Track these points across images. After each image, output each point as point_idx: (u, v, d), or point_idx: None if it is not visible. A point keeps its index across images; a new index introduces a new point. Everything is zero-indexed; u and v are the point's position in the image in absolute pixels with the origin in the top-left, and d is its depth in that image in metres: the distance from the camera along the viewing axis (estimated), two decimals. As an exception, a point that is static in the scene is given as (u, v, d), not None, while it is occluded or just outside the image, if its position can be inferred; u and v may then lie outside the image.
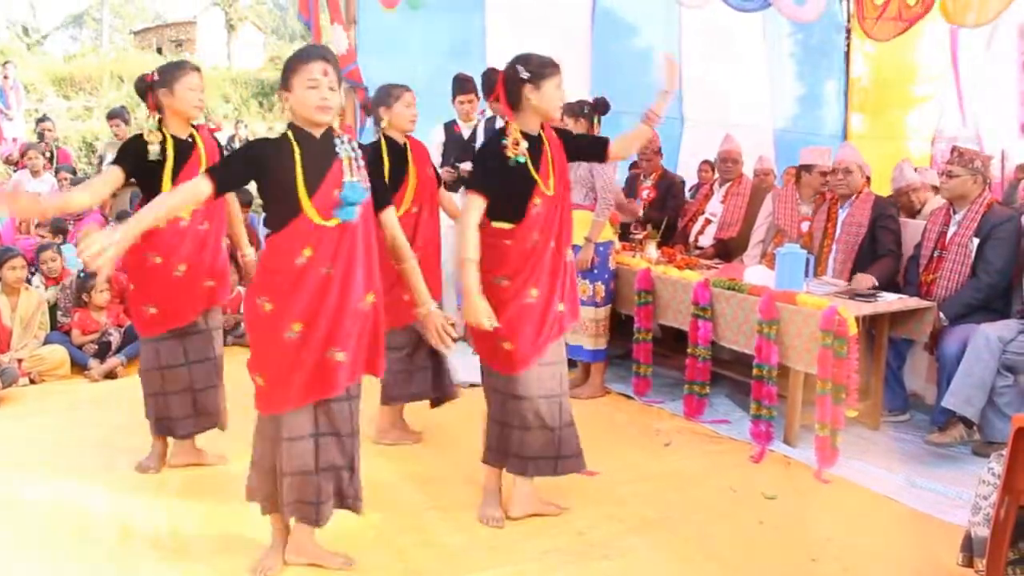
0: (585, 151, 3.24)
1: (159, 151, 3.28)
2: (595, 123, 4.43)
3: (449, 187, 5.36)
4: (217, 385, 3.52)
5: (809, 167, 4.88)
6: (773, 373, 3.89)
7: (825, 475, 3.63)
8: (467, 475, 3.41)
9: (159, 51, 24.72)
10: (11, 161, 9.22)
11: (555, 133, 3.09)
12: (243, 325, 5.65)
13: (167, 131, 3.33)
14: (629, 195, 5.80)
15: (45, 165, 7.90)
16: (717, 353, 4.33)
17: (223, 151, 3.50)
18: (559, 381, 3.08)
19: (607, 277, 4.56)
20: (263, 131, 15.25)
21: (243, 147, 2.66)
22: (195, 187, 2.47)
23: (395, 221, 2.80)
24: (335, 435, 2.64)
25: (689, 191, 6.34)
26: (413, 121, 3.76)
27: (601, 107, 4.40)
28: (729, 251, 5.29)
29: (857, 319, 3.69)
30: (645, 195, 5.66)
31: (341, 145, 2.56)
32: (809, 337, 3.74)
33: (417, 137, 3.86)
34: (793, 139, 7.36)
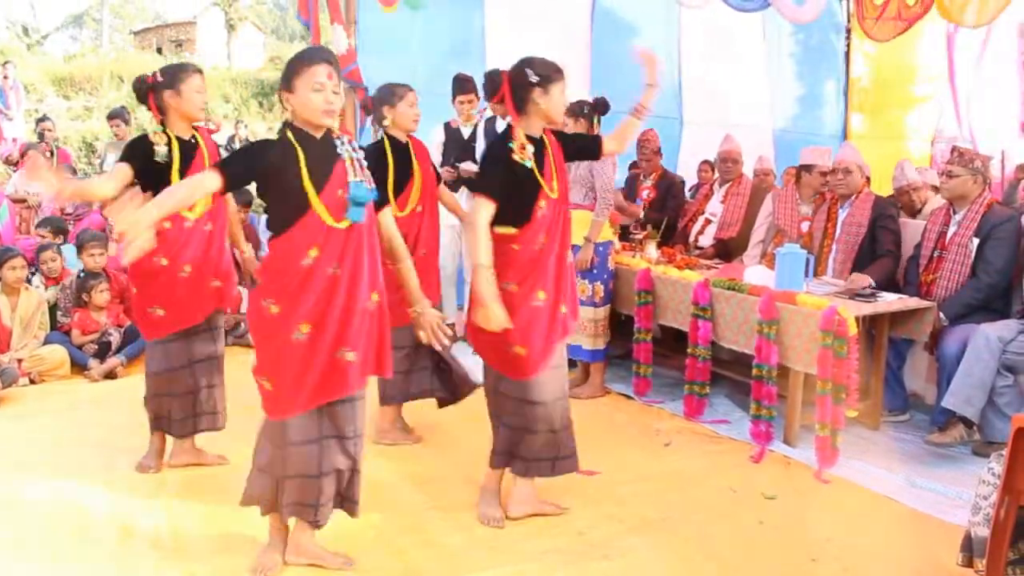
0: (581, 151, 3.26)
1: (166, 153, 3.27)
2: (595, 123, 4.42)
3: (449, 187, 5.36)
4: (218, 385, 3.51)
5: (809, 167, 4.88)
6: (773, 373, 3.89)
7: (825, 475, 3.63)
8: (467, 475, 3.41)
9: (159, 51, 24.74)
10: (11, 161, 9.20)
11: (553, 135, 3.10)
12: (243, 325, 5.67)
13: (171, 132, 3.33)
14: (629, 195, 5.80)
15: (45, 165, 7.89)
16: (717, 353, 4.33)
17: (220, 152, 3.51)
18: (562, 383, 3.09)
19: (606, 277, 4.56)
20: (263, 131, 15.27)
21: (247, 146, 2.65)
22: (203, 180, 2.46)
23: (392, 221, 2.81)
24: (339, 437, 2.63)
25: (689, 191, 6.34)
26: (416, 120, 3.76)
27: (601, 107, 4.39)
28: (729, 251, 5.29)
29: (857, 319, 3.69)
30: (645, 195, 5.66)
31: (342, 146, 2.56)
32: (809, 337, 3.74)
33: (417, 137, 3.87)
34: (793, 139, 7.36)
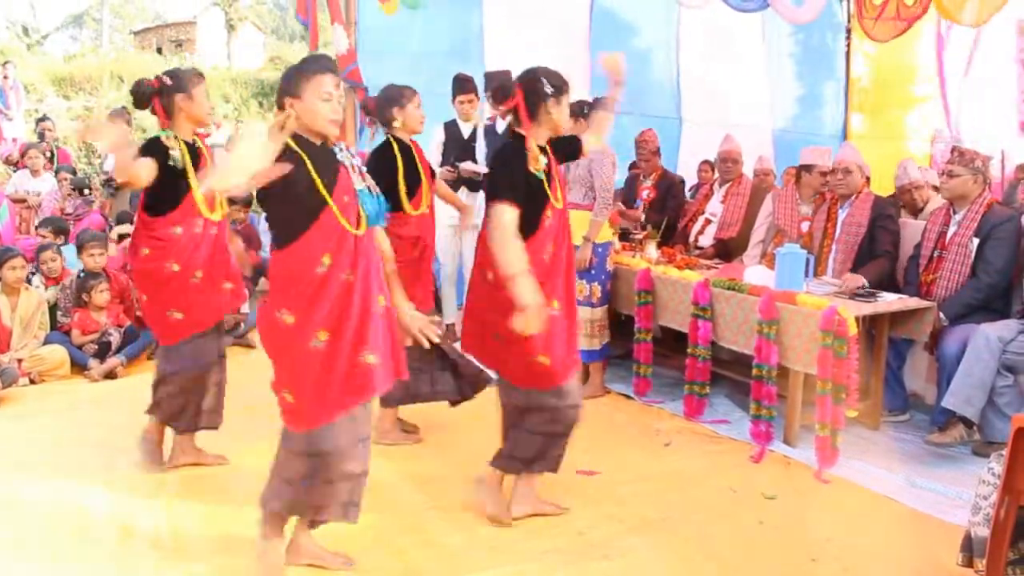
0: (567, 153, 3.24)
1: (179, 157, 3.28)
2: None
3: (449, 187, 5.36)
4: (222, 383, 3.53)
5: (809, 167, 4.88)
6: (773, 373, 3.89)
7: (825, 475, 3.63)
8: (467, 475, 3.40)
9: (159, 51, 24.71)
10: (11, 161, 9.21)
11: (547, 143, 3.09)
12: (243, 325, 5.68)
13: (180, 136, 3.34)
14: (629, 195, 5.80)
15: (45, 165, 7.89)
16: (717, 353, 4.33)
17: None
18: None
19: (604, 278, 4.55)
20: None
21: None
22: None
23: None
24: (363, 440, 2.62)
25: (689, 191, 6.34)
26: (422, 122, 3.77)
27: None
28: (729, 251, 5.29)
29: (857, 319, 3.69)
30: (645, 195, 5.66)
31: (341, 153, 2.55)
32: (809, 337, 3.74)
33: (418, 137, 3.87)
34: (793, 139, 7.36)
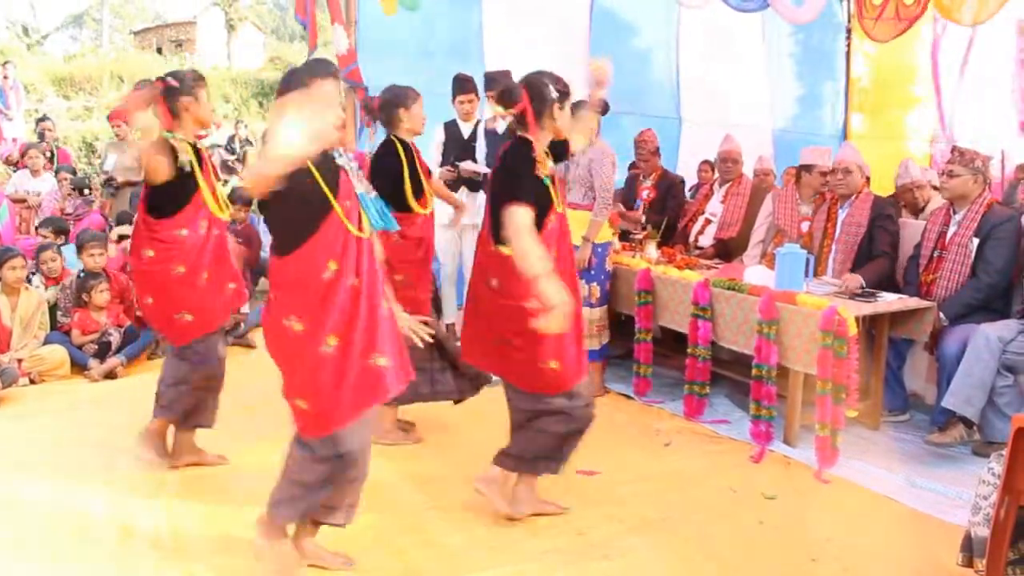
0: (555, 154, 3.21)
1: (188, 161, 3.29)
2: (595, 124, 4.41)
3: (449, 187, 5.36)
4: (220, 382, 3.55)
5: (809, 167, 4.88)
6: (773, 373, 3.89)
7: (825, 475, 3.63)
8: (467, 475, 3.40)
9: (159, 51, 24.71)
10: (11, 161, 9.21)
11: None
12: (243, 325, 5.67)
13: (184, 138, 3.35)
14: (629, 195, 5.80)
15: (45, 165, 7.89)
16: (717, 353, 4.33)
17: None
18: None
19: (603, 278, 4.55)
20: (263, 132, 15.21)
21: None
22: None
23: None
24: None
25: (689, 191, 6.34)
26: (424, 123, 3.78)
27: (601, 108, 4.39)
28: (729, 251, 5.29)
29: (857, 319, 3.69)
30: (645, 195, 5.65)
31: (340, 157, 2.55)
32: (809, 337, 3.74)
33: (418, 137, 3.87)
34: (793, 139, 7.36)
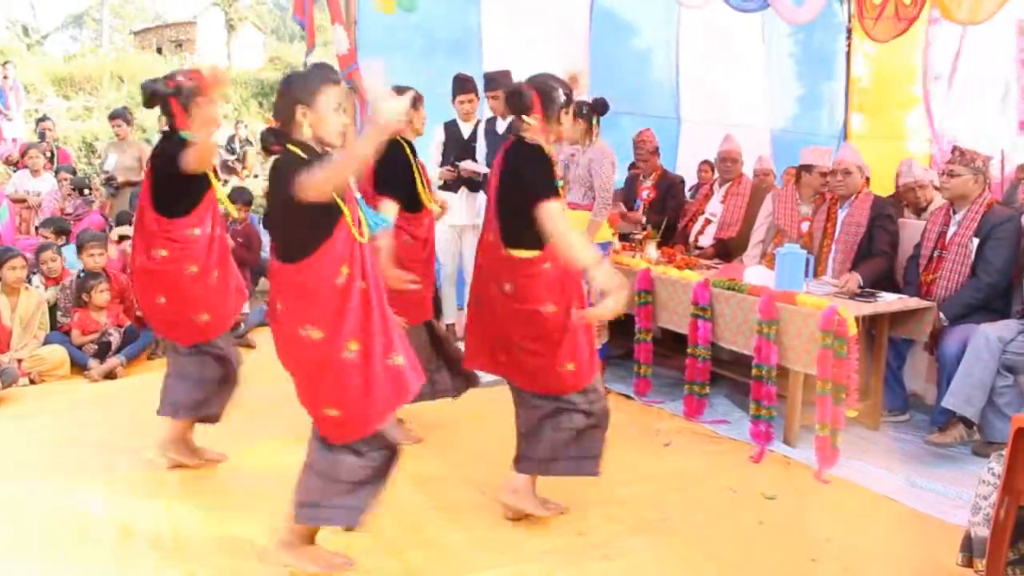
0: None
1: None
2: (594, 124, 4.42)
3: (449, 187, 5.36)
4: (237, 378, 3.58)
5: (809, 167, 4.87)
6: (772, 373, 3.89)
7: (825, 475, 3.63)
8: (467, 475, 3.41)
9: (159, 51, 24.69)
10: (11, 161, 9.22)
11: None
12: (243, 325, 5.67)
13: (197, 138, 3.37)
14: (629, 195, 5.80)
15: (45, 165, 7.89)
16: (717, 353, 4.33)
17: None
18: None
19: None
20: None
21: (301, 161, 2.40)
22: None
23: None
24: None
25: (689, 191, 6.34)
26: (424, 123, 3.79)
27: (600, 108, 4.40)
28: (729, 251, 5.29)
29: (857, 319, 3.69)
30: (645, 195, 5.66)
31: None
32: (809, 337, 3.74)
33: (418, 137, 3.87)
34: (793, 139, 7.36)
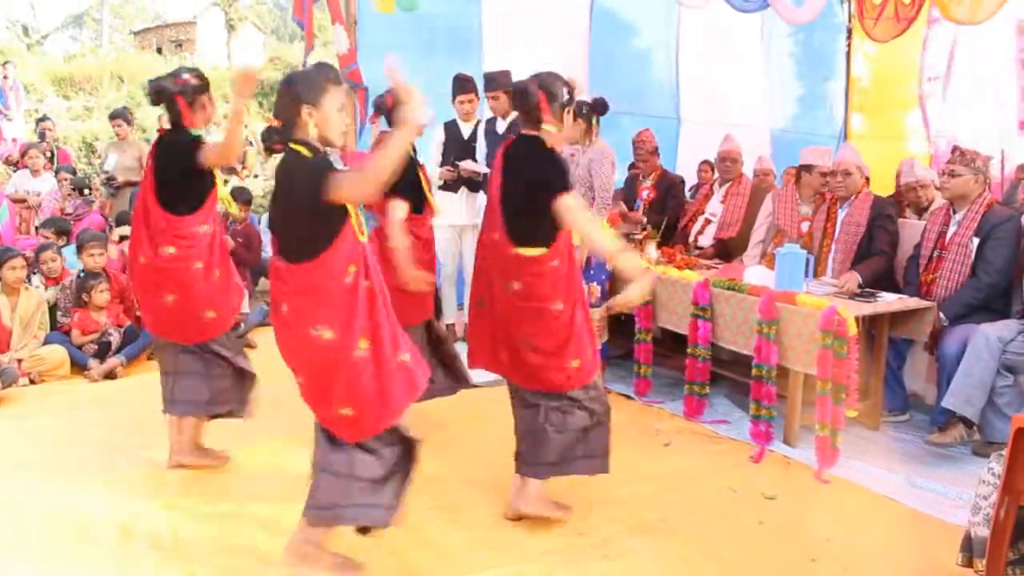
0: None
1: None
2: (594, 124, 4.42)
3: (449, 187, 5.36)
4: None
5: (809, 167, 4.87)
6: (772, 373, 3.89)
7: (825, 475, 3.63)
8: (467, 475, 3.41)
9: (159, 51, 24.68)
10: (11, 161, 9.21)
11: None
12: (243, 325, 5.67)
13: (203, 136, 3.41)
14: (629, 195, 5.80)
15: (45, 165, 7.89)
16: (717, 353, 4.33)
17: None
18: None
19: (603, 278, 4.55)
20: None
21: (317, 165, 2.41)
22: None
23: None
24: None
25: (689, 191, 6.34)
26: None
27: (600, 108, 4.39)
28: (729, 251, 5.29)
29: (857, 319, 3.69)
30: (645, 195, 5.66)
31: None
32: (809, 337, 3.74)
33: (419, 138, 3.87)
34: (792, 139, 7.35)
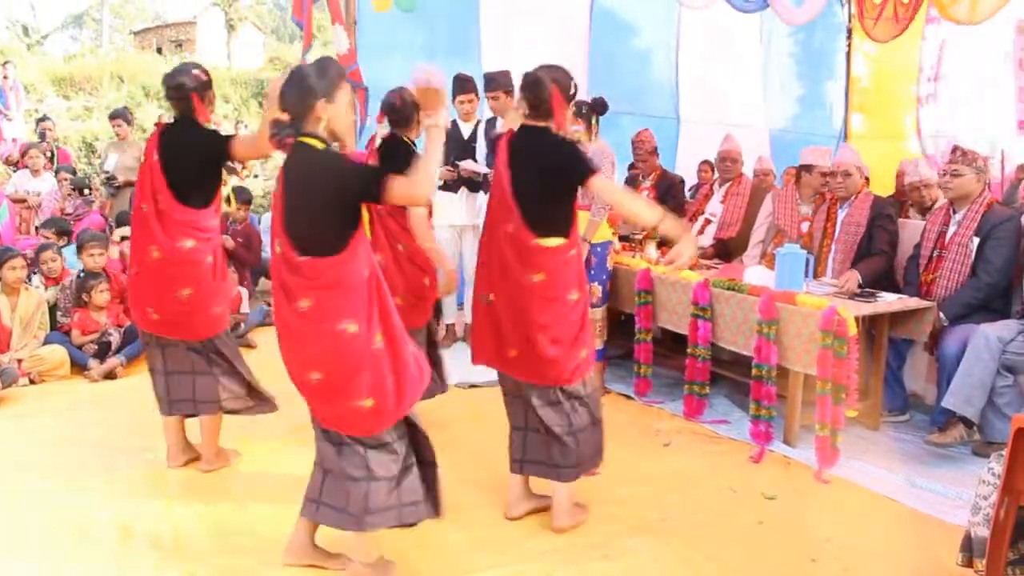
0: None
1: None
2: (593, 123, 4.42)
3: (449, 187, 5.35)
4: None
5: (809, 167, 4.88)
6: (772, 373, 3.89)
7: (825, 475, 3.63)
8: (467, 475, 3.41)
9: (159, 51, 24.71)
10: (11, 161, 9.21)
11: None
12: (243, 325, 5.67)
13: None
14: (629, 195, 5.80)
15: (45, 165, 7.89)
16: (717, 353, 4.33)
17: None
18: None
19: (604, 278, 4.55)
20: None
21: (347, 158, 2.51)
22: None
23: None
24: None
25: (689, 191, 6.34)
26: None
27: (599, 107, 4.39)
28: (729, 251, 5.29)
29: (857, 319, 3.69)
30: (645, 195, 5.65)
31: None
32: (809, 337, 3.74)
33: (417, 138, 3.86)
34: (792, 139, 7.36)
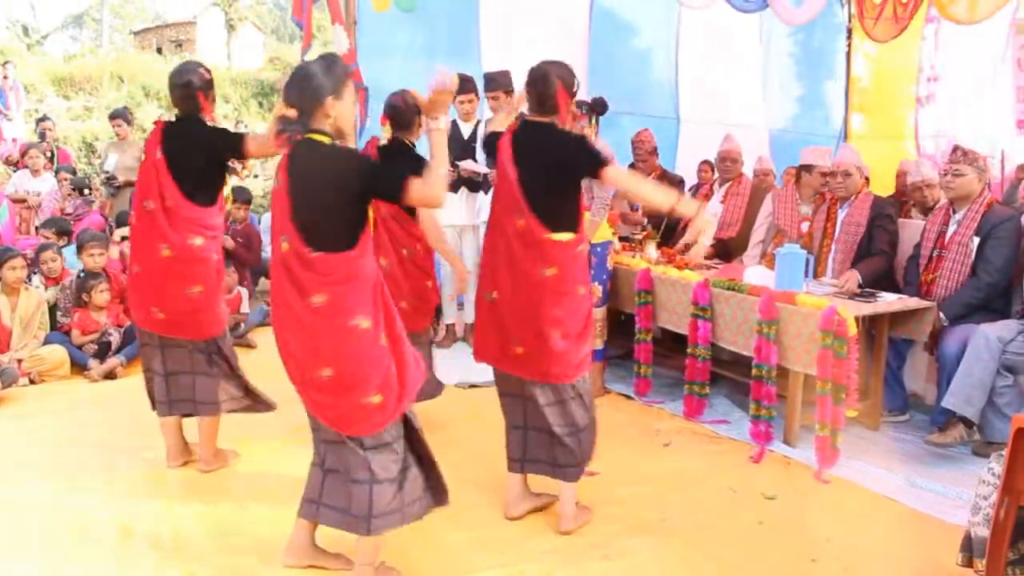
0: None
1: None
2: (593, 123, 4.41)
3: (449, 187, 5.34)
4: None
5: (809, 167, 4.88)
6: (772, 373, 3.89)
7: (825, 475, 3.63)
8: (466, 475, 3.40)
9: (159, 51, 24.70)
10: (11, 161, 9.21)
11: None
12: (243, 325, 5.67)
13: None
14: (629, 196, 5.80)
15: (45, 165, 7.89)
16: (717, 353, 4.33)
17: None
18: None
19: (604, 278, 4.54)
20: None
21: (362, 154, 2.61)
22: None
23: None
24: None
25: (689, 191, 6.34)
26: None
27: (599, 107, 4.39)
28: (729, 251, 5.29)
29: (857, 319, 3.69)
30: (645, 195, 5.66)
31: None
32: (809, 337, 3.74)
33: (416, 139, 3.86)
34: (792, 139, 7.36)
